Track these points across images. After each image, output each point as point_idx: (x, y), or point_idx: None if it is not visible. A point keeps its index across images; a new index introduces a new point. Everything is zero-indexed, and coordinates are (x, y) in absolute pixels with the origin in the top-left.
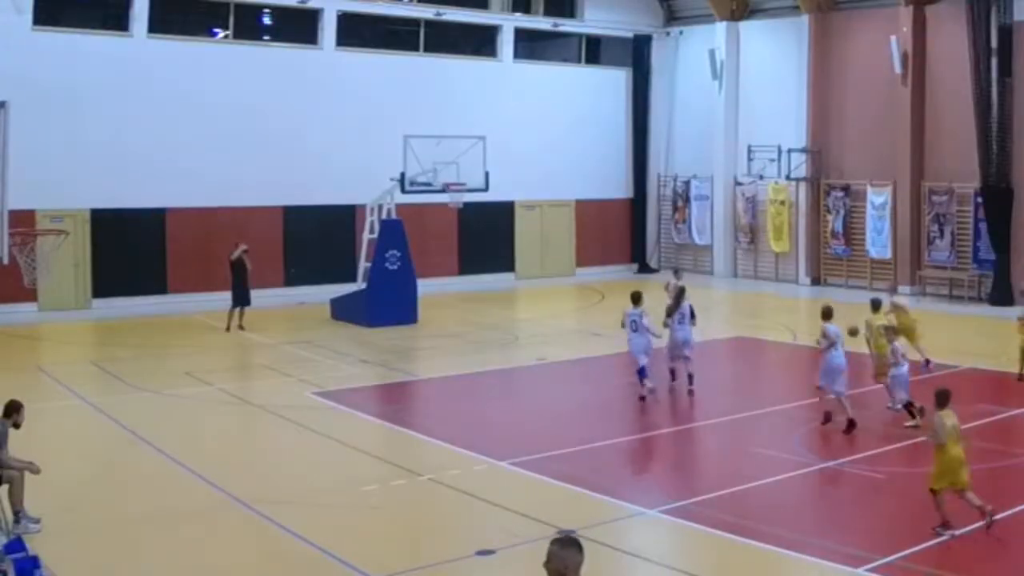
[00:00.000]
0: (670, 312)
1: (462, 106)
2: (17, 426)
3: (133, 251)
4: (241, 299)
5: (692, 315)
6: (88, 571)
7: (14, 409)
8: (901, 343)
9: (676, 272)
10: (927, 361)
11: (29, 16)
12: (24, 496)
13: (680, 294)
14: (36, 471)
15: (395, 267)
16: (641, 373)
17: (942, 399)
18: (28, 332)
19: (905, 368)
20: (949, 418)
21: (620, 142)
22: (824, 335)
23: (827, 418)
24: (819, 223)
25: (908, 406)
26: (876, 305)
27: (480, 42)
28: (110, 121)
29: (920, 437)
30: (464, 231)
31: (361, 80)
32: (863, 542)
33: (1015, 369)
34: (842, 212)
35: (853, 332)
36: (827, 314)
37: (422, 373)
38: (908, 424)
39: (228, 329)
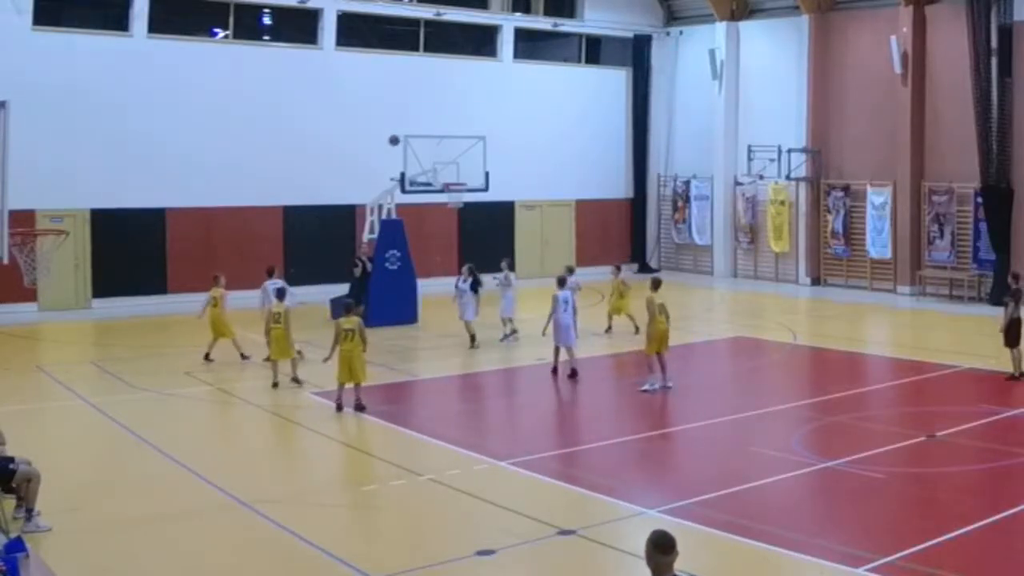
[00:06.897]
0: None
1: (462, 106)
2: None
3: (133, 251)
4: None
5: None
6: (88, 571)
7: None
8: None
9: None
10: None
11: (29, 16)
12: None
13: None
14: None
15: (395, 267)
16: None
17: (655, 284)
18: (28, 332)
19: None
20: (659, 299)
21: (620, 142)
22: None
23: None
24: (819, 223)
25: None
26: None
27: (480, 42)
28: (110, 121)
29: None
30: (464, 231)
31: (361, 80)
32: (863, 542)
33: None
34: (842, 212)
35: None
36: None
37: (422, 373)
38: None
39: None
